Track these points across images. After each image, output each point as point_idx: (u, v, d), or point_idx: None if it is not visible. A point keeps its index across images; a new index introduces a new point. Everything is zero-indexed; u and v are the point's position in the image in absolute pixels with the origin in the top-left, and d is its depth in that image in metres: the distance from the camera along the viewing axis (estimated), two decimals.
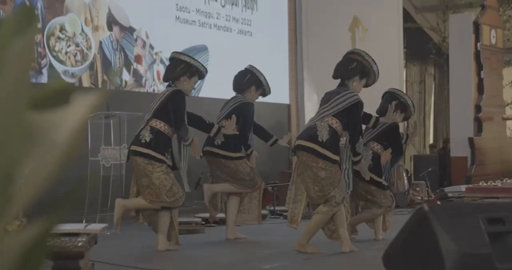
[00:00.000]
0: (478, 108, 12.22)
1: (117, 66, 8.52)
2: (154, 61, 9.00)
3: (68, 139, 1.13)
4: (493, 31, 12.58)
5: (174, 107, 5.44)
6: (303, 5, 11.17)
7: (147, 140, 5.40)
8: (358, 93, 5.43)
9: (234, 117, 5.96)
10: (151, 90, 8.87)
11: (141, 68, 8.81)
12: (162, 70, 9.05)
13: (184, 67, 5.59)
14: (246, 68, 6.44)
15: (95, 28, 8.30)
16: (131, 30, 8.71)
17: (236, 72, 6.49)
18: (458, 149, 12.12)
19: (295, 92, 11.20)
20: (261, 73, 6.35)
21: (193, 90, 5.83)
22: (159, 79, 8.98)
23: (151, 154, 5.38)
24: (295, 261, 4.90)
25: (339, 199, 5.18)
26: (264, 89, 6.34)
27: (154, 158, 5.38)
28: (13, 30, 1.01)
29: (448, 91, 12.88)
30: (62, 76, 7.69)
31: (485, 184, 9.16)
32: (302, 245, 5.24)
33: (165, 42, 8.97)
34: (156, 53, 8.98)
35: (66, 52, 7.90)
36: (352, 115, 5.29)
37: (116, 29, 8.53)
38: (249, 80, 6.27)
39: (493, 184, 9.17)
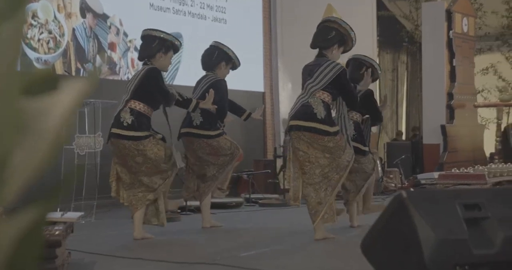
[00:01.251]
0: (450, 96, 12.33)
1: (90, 54, 8.44)
2: (128, 49, 8.93)
3: (58, 126, 1.12)
4: (465, 19, 12.68)
5: (153, 86, 5.44)
6: None
7: (129, 122, 5.42)
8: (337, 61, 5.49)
9: (212, 91, 5.91)
10: (125, 78, 8.80)
11: (115, 56, 8.73)
12: (135, 57, 8.99)
13: (159, 43, 5.56)
14: (212, 45, 6.39)
15: (68, 15, 8.21)
16: (104, 17, 8.62)
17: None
18: (431, 136, 12.23)
19: (269, 80, 11.20)
20: (228, 48, 6.32)
21: (167, 75, 5.80)
22: (133, 67, 8.92)
23: (137, 134, 5.43)
24: (273, 249, 4.92)
25: (349, 157, 5.33)
26: (234, 63, 6.33)
27: (141, 137, 5.43)
28: (0, 15, 0.99)
29: (421, 79, 12.99)
30: (35, 64, 7.60)
31: (457, 171, 9.26)
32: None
33: (139, 30, 8.81)
34: (130, 41, 8.91)
35: (39, 40, 7.80)
36: (341, 84, 5.33)
37: (89, 16, 8.44)
38: (218, 57, 6.24)
39: (465, 170, 9.28)
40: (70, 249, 4.27)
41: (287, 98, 11.22)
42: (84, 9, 8.39)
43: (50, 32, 7.95)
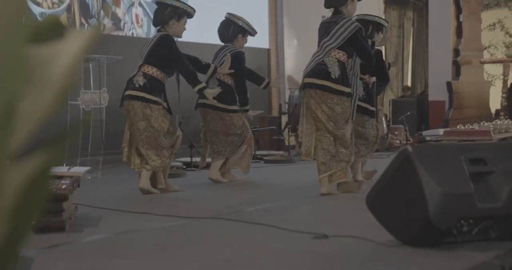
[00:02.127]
0: (456, 52, 12.24)
1: (94, 9, 8.37)
2: (132, 4, 8.85)
3: (65, 74, 1.11)
4: None
5: (167, 52, 5.53)
6: None
7: (141, 84, 5.49)
8: (353, 15, 5.52)
9: (228, 55, 6.11)
10: (129, 34, 8.74)
11: (119, 11, 8.66)
12: (140, 13, 8.91)
13: (171, 11, 5.65)
14: (226, 18, 6.55)
15: None
16: None
17: (216, 18, 6.52)
18: (436, 93, 12.18)
19: (274, 37, 11.13)
20: (241, 19, 6.49)
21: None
22: (137, 22, 8.86)
23: (147, 96, 5.47)
24: (278, 204, 4.95)
25: (349, 134, 5.31)
26: (250, 33, 6.53)
27: (150, 101, 5.48)
28: None
29: (427, 35, 12.87)
30: (39, 19, 7.55)
31: (462, 128, 9.25)
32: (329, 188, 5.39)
33: None
34: None
35: None
36: (357, 43, 5.34)
37: None
38: (234, 31, 6.44)
39: (470, 127, 9.26)
40: (76, 203, 4.31)
41: (292, 55, 11.15)
42: None
43: None
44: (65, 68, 1.11)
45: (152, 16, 9.12)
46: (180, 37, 5.76)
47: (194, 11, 5.79)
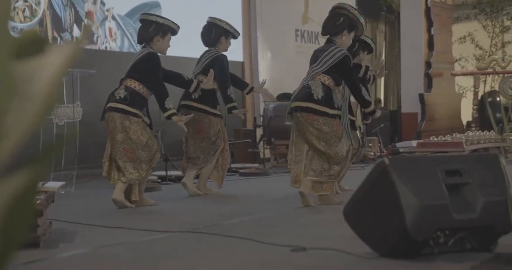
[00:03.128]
0: (428, 64, 12.38)
1: (67, 23, 8.33)
2: (105, 18, 8.83)
3: (47, 89, 1.11)
4: None
5: (148, 69, 5.55)
6: None
7: (122, 96, 5.52)
8: (347, 47, 5.53)
9: (212, 71, 6.09)
10: (103, 47, 8.71)
11: (92, 25, 8.63)
12: (114, 27, 8.89)
13: (156, 27, 5.68)
14: (208, 22, 6.57)
15: None
16: None
17: (189, 29, 6.56)
18: (409, 105, 12.29)
19: (248, 50, 11.15)
20: (223, 21, 6.51)
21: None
22: (111, 36, 8.83)
23: (126, 108, 5.49)
24: (256, 217, 4.94)
25: (344, 151, 5.33)
26: (233, 34, 6.53)
27: (130, 113, 5.49)
28: None
29: (399, 48, 13.00)
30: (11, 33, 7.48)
31: (435, 139, 9.33)
32: (323, 199, 5.41)
33: None
34: (107, 10, 8.81)
35: (14, 8, 7.69)
36: (343, 69, 5.38)
37: None
38: (216, 34, 6.43)
39: (443, 138, 9.35)
40: (51, 218, 4.26)
41: (266, 68, 11.19)
42: None
43: (25, 1, 7.84)
44: (48, 83, 1.10)
45: (125, 30, 9.12)
46: (165, 54, 5.78)
47: (178, 27, 5.82)
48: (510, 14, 15.44)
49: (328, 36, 5.56)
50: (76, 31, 8.43)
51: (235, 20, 10.81)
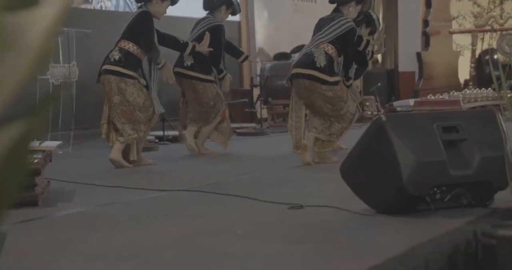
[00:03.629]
0: (425, 22, 12.30)
1: None
2: None
3: (41, 41, 1.09)
4: None
5: (141, 29, 5.51)
6: None
7: (116, 58, 5.49)
8: (352, 19, 5.50)
9: (207, 34, 6.02)
10: (98, 7, 8.63)
11: None
12: None
13: None
14: None
15: None
16: None
17: None
18: (406, 63, 12.24)
19: (245, 9, 11.04)
20: None
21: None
22: None
23: (122, 71, 5.47)
24: (252, 176, 4.96)
25: (353, 111, 5.42)
26: (234, 8, 6.46)
27: (125, 75, 5.47)
28: None
29: (397, 6, 12.88)
30: None
31: (433, 97, 9.33)
32: (322, 157, 5.47)
33: None
34: None
35: None
36: (346, 41, 5.40)
37: None
38: (219, 0, 6.35)
39: (440, 97, 9.34)
40: (49, 178, 4.27)
41: (262, 27, 11.11)
42: None
43: None
44: (42, 35, 1.09)
45: None
46: (159, 18, 5.70)
47: None
48: None
49: (335, 5, 5.53)
50: None
51: None
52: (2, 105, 0.97)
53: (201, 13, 6.58)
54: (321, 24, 5.48)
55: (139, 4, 5.74)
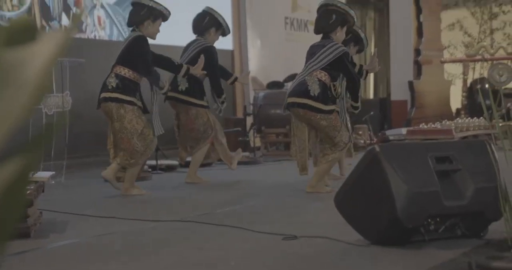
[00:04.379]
0: (417, 52, 12.39)
1: (56, 11, 8.28)
2: (94, 6, 8.77)
3: (38, 77, 1.10)
4: None
5: (137, 54, 5.53)
6: None
7: (114, 85, 5.51)
8: (341, 42, 5.54)
9: (202, 57, 6.02)
10: (92, 36, 8.67)
11: (81, 13, 8.57)
12: (102, 15, 8.84)
13: (147, 11, 5.63)
14: (203, 10, 6.55)
15: None
16: None
17: (177, 17, 6.49)
18: (398, 92, 12.30)
19: (238, 38, 11.12)
20: (219, 14, 6.50)
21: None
22: (100, 24, 8.78)
23: (120, 97, 5.49)
24: (246, 206, 4.95)
25: (345, 140, 5.44)
26: (223, 30, 6.49)
27: (124, 101, 5.49)
28: None
29: (388, 35, 12.99)
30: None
31: (425, 126, 9.36)
32: (313, 187, 5.46)
33: None
34: None
35: None
36: (342, 66, 5.42)
37: None
38: (208, 22, 6.38)
39: (432, 126, 9.37)
40: (41, 209, 4.24)
41: (256, 56, 11.17)
42: None
43: None
44: (39, 71, 1.09)
45: (114, 19, 9.07)
46: (154, 39, 5.74)
47: (170, 13, 5.78)
48: (499, 0, 15.46)
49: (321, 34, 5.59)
50: (65, 20, 8.37)
51: (225, 8, 10.77)
52: (2, 140, 0.97)
53: (188, 40, 6.61)
54: (313, 51, 5.51)
55: (131, 28, 5.76)
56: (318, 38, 5.66)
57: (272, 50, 11.36)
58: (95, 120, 8.10)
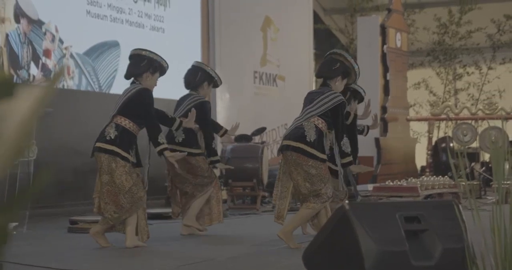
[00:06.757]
0: (384, 109, 12.56)
1: (24, 60, 8.25)
2: (63, 56, 8.78)
3: (17, 132, 1.08)
4: (398, 34, 12.96)
5: (143, 106, 5.50)
6: (215, 3, 11.17)
7: (112, 136, 5.44)
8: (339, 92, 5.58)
9: (193, 111, 6.04)
10: (60, 85, 8.64)
11: (50, 63, 8.56)
12: (72, 65, 8.84)
13: (147, 63, 5.62)
14: (194, 65, 6.61)
15: (1, 20, 8.01)
16: (39, 23, 8.45)
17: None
18: (365, 148, 12.39)
19: None
20: (210, 68, 6.65)
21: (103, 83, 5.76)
22: (68, 74, 8.77)
23: (116, 150, 5.42)
24: (247, 253, 4.88)
25: (329, 194, 5.40)
26: (215, 82, 6.57)
27: (118, 155, 5.42)
28: None
29: None
30: None
31: (391, 183, 9.41)
32: (286, 233, 5.39)
33: (75, 37, 8.77)
34: (66, 48, 8.76)
35: None
36: (337, 115, 5.45)
37: (24, 21, 8.26)
38: (201, 78, 6.45)
39: (398, 183, 9.43)
40: (2, 260, 4.13)
41: (224, 108, 11.22)
42: (19, 15, 8.20)
43: None
44: (17, 126, 1.08)
45: (83, 68, 9.07)
46: (151, 91, 5.70)
47: (168, 67, 5.78)
48: (463, 62, 15.83)
49: (322, 79, 5.64)
50: (33, 69, 8.35)
51: (194, 60, 10.84)
52: None
53: (180, 94, 6.62)
54: (311, 97, 5.55)
55: (131, 80, 5.71)
56: (285, 93, 5.72)
57: (240, 104, 11.42)
58: (60, 170, 8.01)
